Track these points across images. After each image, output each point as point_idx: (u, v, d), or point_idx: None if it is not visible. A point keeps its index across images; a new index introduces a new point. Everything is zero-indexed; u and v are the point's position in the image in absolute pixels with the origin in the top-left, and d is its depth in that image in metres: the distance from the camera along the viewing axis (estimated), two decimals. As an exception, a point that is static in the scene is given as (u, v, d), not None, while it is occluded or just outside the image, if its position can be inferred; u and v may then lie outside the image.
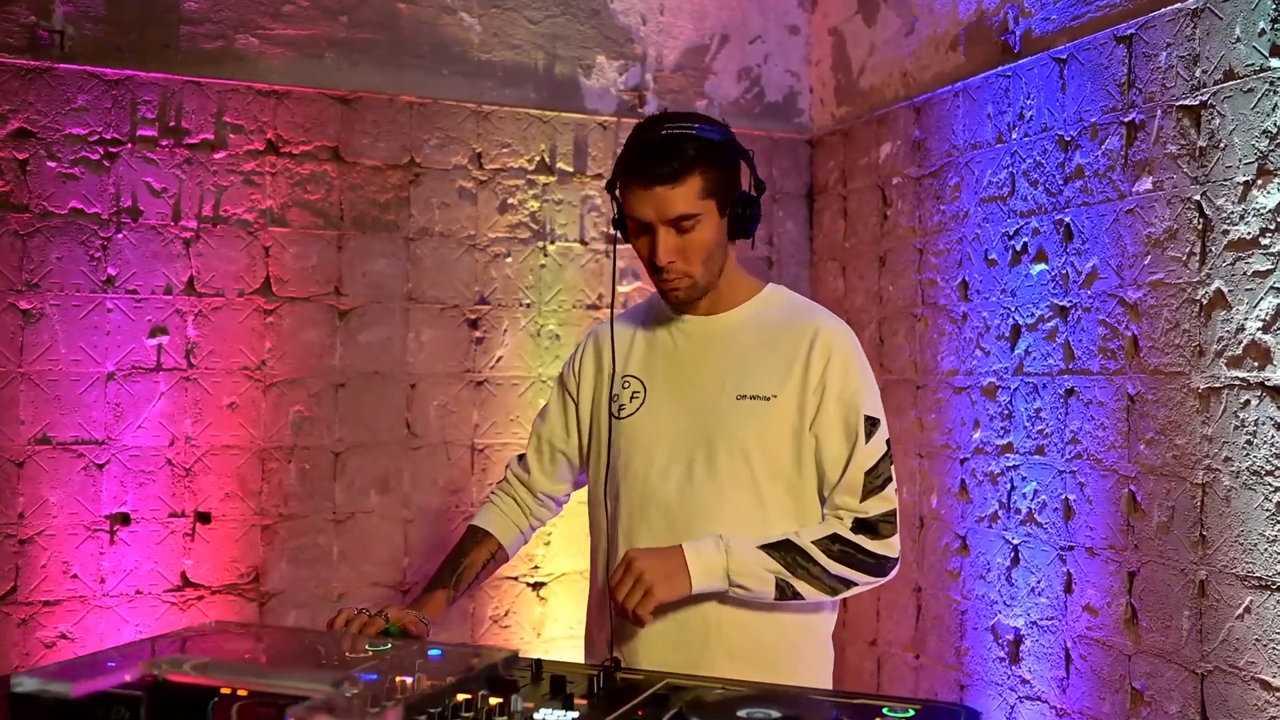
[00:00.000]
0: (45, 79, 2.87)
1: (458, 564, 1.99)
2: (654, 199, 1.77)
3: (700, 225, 1.78)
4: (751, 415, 1.83)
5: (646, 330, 1.98)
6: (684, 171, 1.75)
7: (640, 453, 1.89)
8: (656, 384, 1.93)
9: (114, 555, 2.90)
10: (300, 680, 1.21)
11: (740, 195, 1.84)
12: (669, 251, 1.78)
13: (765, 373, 1.85)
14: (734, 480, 1.83)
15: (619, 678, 1.60)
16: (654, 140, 1.78)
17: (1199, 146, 2.22)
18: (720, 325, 1.92)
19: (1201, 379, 2.21)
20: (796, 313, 1.91)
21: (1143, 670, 2.35)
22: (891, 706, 1.48)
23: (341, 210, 3.16)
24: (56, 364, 2.86)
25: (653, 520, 1.86)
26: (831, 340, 1.85)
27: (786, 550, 1.79)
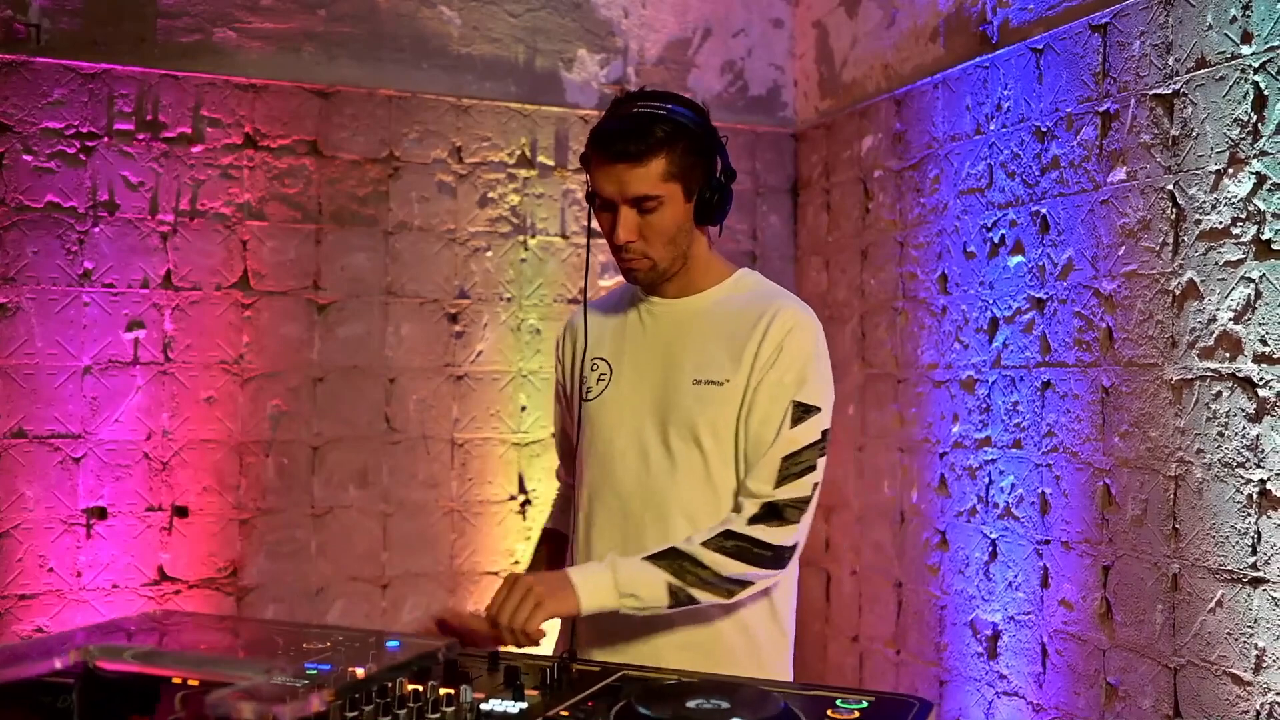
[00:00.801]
0: (21, 73, 2.86)
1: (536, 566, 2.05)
2: (616, 177, 1.74)
3: (662, 208, 1.75)
4: (705, 400, 1.80)
5: (619, 313, 1.96)
6: (649, 152, 1.72)
7: (602, 436, 1.88)
8: (622, 367, 1.90)
9: (91, 549, 2.89)
10: (232, 668, 1.20)
11: (711, 181, 1.80)
12: (628, 230, 1.76)
13: (720, 358, 1.81)
14: (687, 466, 1.80)
15: (574, 670, 1.59)
16: (624, 117, 1.75)
17: (1172, 135, 2.20)
18: (687, 309, 1.88)
19: (1174, 370, 2.19)
20: (759, 298, 1.86)
21: (1117, 665, 2.33)
22: (845, 698, 1.47)
23: (320, 204, 3.15)
24: (33, 357, 2.85)
25: (609, 505, 1.85)
26: (782, 324, 1.79)
27: (673, 558, 1.74)
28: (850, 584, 3.37)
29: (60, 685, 1.21)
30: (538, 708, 1.41)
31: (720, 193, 1.81)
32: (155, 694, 1.28)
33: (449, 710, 1.35)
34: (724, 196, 1.82)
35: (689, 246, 1.84)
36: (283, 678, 1.13)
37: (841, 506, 3.41)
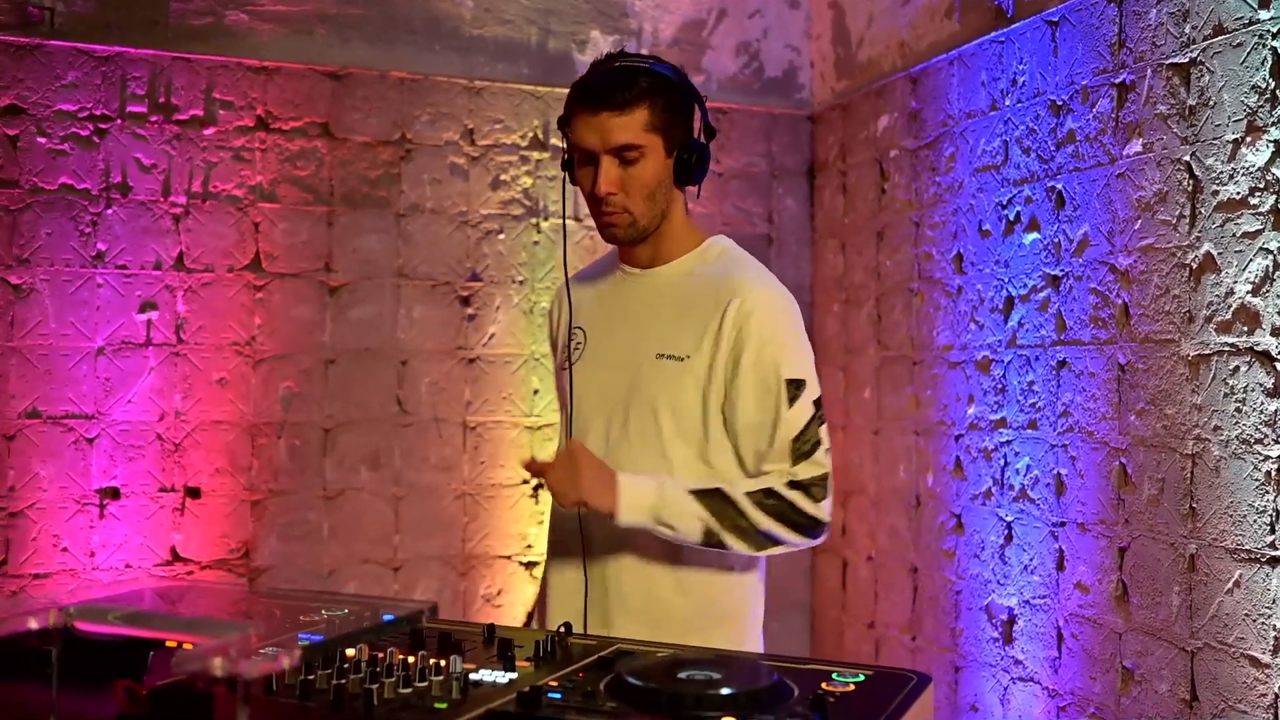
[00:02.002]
0: (36, 56, 2.88)
1: None
2: (599, 125, 1.75)
3: (644, 159, 1.76)
4: (665, 375, 1.81)
5: (599, 282, 1.98)
6: (633, 101, 1.74)
7: (581, 406, 1.89)
8: (595, 336, 1.92)
9: (104, 529, 2.90)
10: (215, 630, 1.18)
11: (689, 140, 1.81)
12: (610, 182, 1.76)
13: (683, 332, 1.82)
14: (643, 440, 1.82)
15: (570, 643, 1.57)
16: (608, 70, 1.77)
17: (1188, 105, 2.15)
18: (657, 279, 1.89)
19: (1191, 346, 2.14)
20: (725, 270, 1.86)
21: (1133, 649, 2.28)
22: (841, 672, 1.44)
23: (332, 186, 3.15)
24: (46, 338, 2.86)
25: None
26: (749, 302, 1.79)
27: (718, 500, 1.75)
28: (866, 570, 3.33)
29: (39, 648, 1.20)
30: (528, 678, 1.39)
31: (699, 152, 1.81)
32: (144, 659, 1.27)
33: (437, 679, 1.34)
34: (703, 156, 1.82)
35: (668, 206, 1.83)
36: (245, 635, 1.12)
37: (858, 491, 3.37)
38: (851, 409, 3.41)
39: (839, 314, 3.50)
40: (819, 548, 3.60)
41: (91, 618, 1.20)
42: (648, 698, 1.27)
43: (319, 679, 1.32)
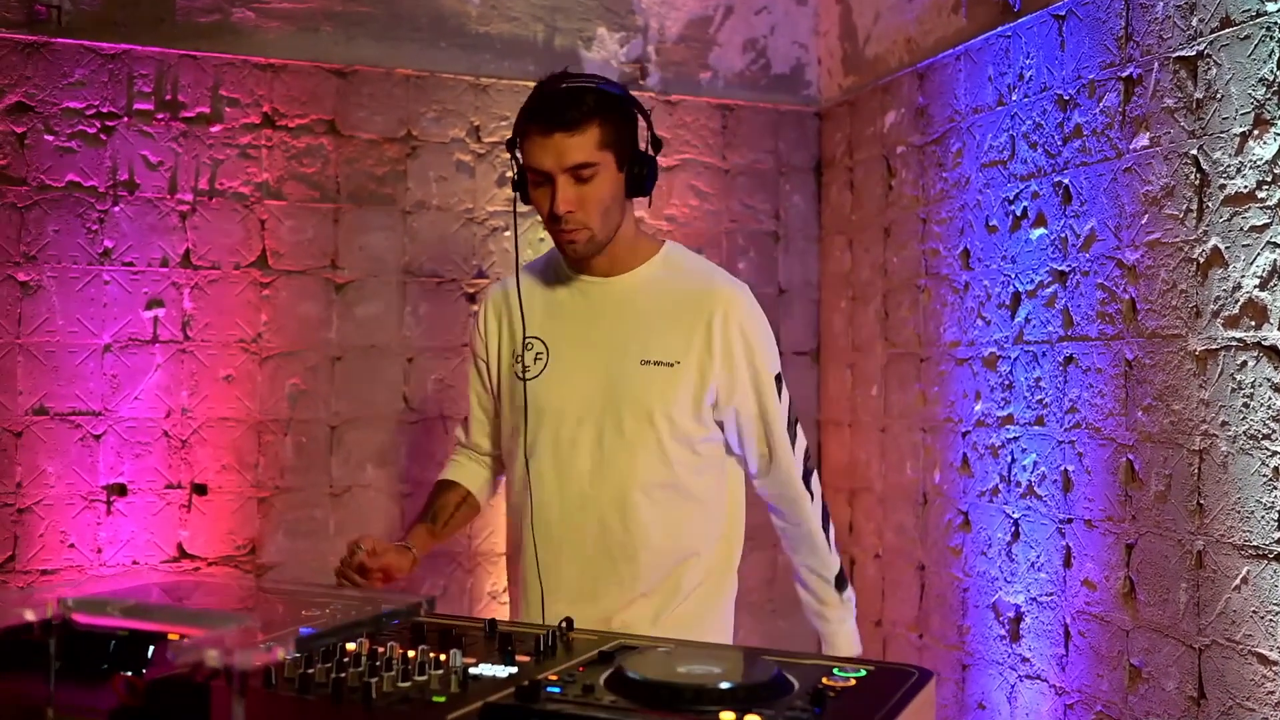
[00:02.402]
0: (43, 53, 2.88)
1: (431, 506, 2.08)
2: (554, 147, 1.80)
3: (598, 176, 1.82)
4: (656, 381, 1.91)
5: (546, 290, 2.02)
6: (583, 120, 1.79)
7: (549, 417, 1.94)
8: (559, 346, 1.97)
9: (111, 526, 2.91)
10: (213, 623, 1.18)
11: (638, 153, 1.89)
12: (568, 201, 1.81)
13: (668, 339, 1.92)
14: (642, 442, 1.91)
15: (571, 638, 1.57)
16: (555, 92, 1.83)
17: (1195, 98, 2.13)
18: (621, 287, 1.96)
19: (1198, 341, 2.13)
20: (696, 278, 1.98)
21: (1140, 646, 2.27)
22: (841, 667, 1.44)
23: (338, 183, 3.15)
24: (54, 335, 2.87)
25: (566, 485, 1.94)
26: (732, 313, 1.94)
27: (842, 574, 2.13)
28: (874, 567, 3.32)
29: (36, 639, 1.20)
30: (528, 672, 1.38)
31: (648, 165, 1.89)
32: (143, 652, 1.27)
33: (436, 673, 1.34)
34: (652, 168, 1.90)
35: (621, 219, 1.91)
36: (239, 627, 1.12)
37: (865, 489, 3.36)
38: (859, 406, 3.40)
39: (846, 311, 3.49)
40: (826, 545, 3.59)
41: (90, 610, 1.20)
42: (647, 691, 1.27)
43: (318, 672, 1.32)
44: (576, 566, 1.94)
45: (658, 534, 1.93)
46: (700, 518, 1.99)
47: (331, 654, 1.37)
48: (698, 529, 1.99)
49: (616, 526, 1.92)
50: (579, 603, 1.90)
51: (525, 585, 2.00)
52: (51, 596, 1.17)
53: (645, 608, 1.94)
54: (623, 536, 1.92)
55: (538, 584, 1.96)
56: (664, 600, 1.95)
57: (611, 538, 1.93)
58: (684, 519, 1.97)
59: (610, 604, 1.93)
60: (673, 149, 3.48)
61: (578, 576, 1.94)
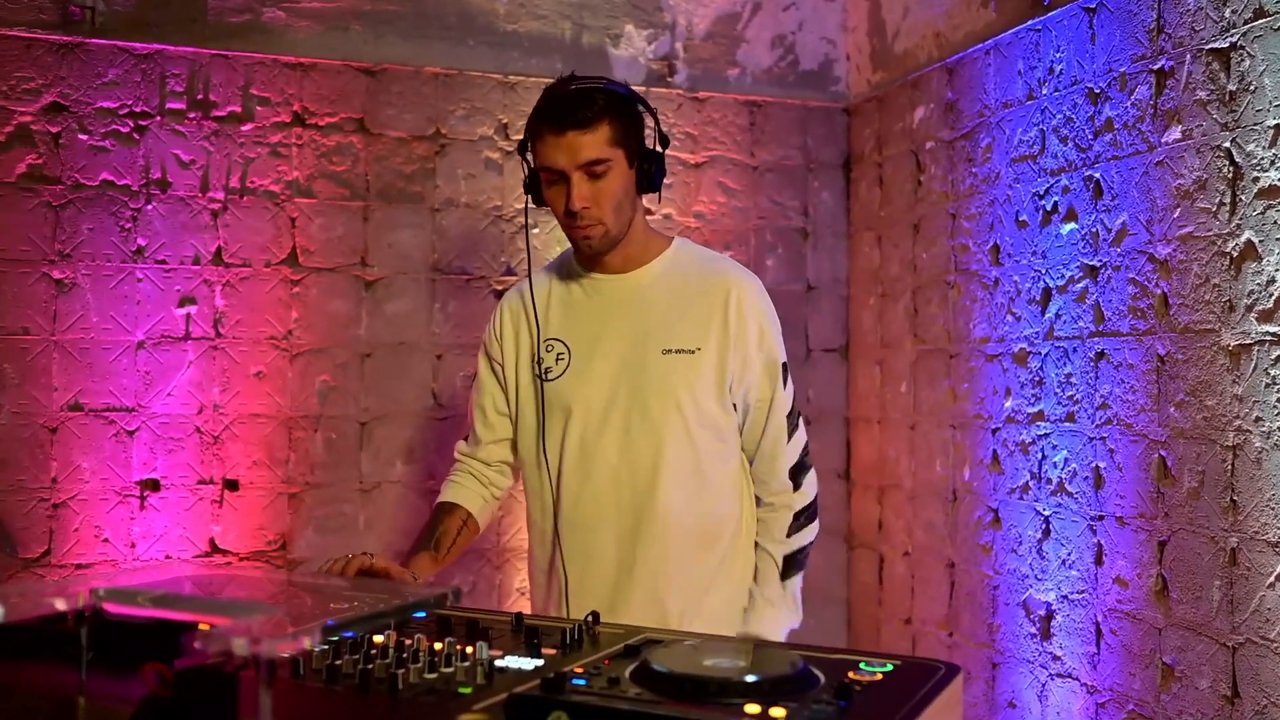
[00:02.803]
0: (77, 54, 2.92)
1: (433, 533, 2.07)
2: (567, 145, 1.85)
3: (611, 172, 1.87)
4: (679, 368, 1.95)
5: (562, 292, 2.06)
6: (595, 118, 1.85)
7: (576, 413, 1.98)
8: (580, 345, 2.00)
9: (144, 520, 2.94)
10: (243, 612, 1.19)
11: (647, 150, 1.94)
12: (582, 197, 1.86)
13: (687, 328, 1.96)
14: (669, 430, 1.95)
15: (598, 631, 1.57)
16: (565, 93, 1.88)
17: (1229, 91, 2.11)
18: (634, 282, 2.00)
19: (1231, 336, 2.10)
20: (708, 267, 2.03)
21: (1173, 644, 2.25)
22: (868, 661, 1.43)
23: (367, 181, 3.17)
24: (88, 332, 2.91)
25: (599, 477, 1.97)
26: (745, 298, 1.97)
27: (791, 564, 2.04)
28: (903, 565, 3.30)
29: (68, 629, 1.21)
30: (554, 665, 1.39)
31: (657, 161, 1.95)
32: (173, 641, 1.28)
33: (462, 665, 1.34)
34: (660, 164, 1.96)
35: (634, 215, 1.96)
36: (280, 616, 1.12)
37: (894, 486, 3.35)
38: (888, 403, 3.39)
39: (875, 308, 3.47)
40: (855, 543, 3.58)
41: (121, 599, 1.21)
42: (672, 684, 1.27)
43: (346, 664, 1.32)
44: (607, 555, 1.97)
45: (687, 518, 1.97)
46: (726, 507, 2.03)
47: (359, 646, 1.38)
48: (725, 521, 2.03)
49: (647, 511, 1.95)
50: (609, 592, 1.94)
51: (554, 577, 2.02)
52: (83, 587, 1.18)
53: (673, 594, 1.97)
54: (652, 521, 1.95)
55: (562, 575, 1.99)
56: (691, 586, 1.98)
57: (642, 523, 1.96)
58: (711, 508, 2.00)
59: (641, 590, 1.95)
60: (701, 146, 3.48)
61: (609, 564, 1.97)
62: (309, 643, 1.02)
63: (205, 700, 1.14)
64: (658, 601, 1.94)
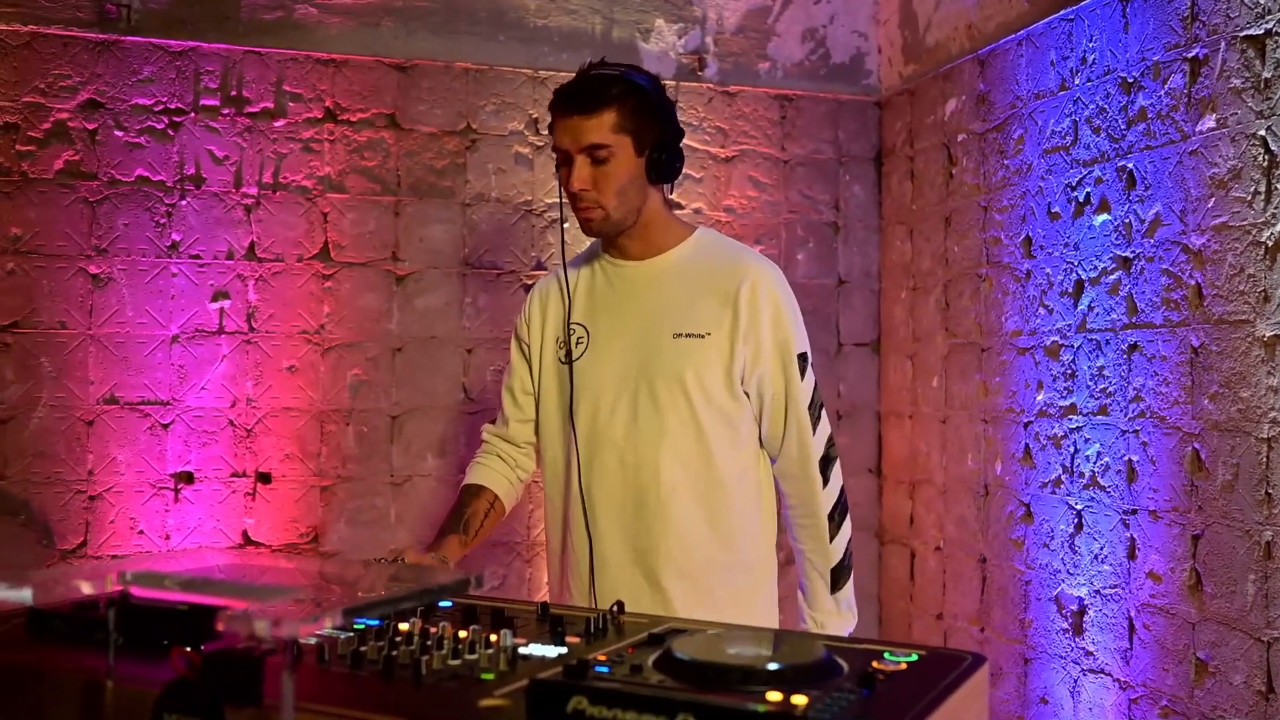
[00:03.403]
0: (113, 51, 2.96)
1: (461, 515, 2.12)
2: (571, 128, 1.91)
3: (614, 159, 1.91)
4: (688, 352, 1.96)
5: (588, 279, 2.10)
6: (600, 105, 1.90)
7: (589, 395, 2.01)
8: (599, 328, 2.04)
9: (178, 512, 2.97)
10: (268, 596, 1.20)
11: (663, 140, 1.96)
12: (582, 179, 1.91)
13: (699, 313, 1.98)
14: (675, 413, 1.96)
15: (623, 621, 1.58)
16: (581, 78, 1.95)
17: (1264, 78, 2.08)
18: (654, 268, 2.03)
19: (1267, 326, 2.07)
20: (727, 255, 2.04)
21: (1207, 639, 2.22)
22: (893, 651, 1.42)
23: (399, 177, 3.19)
24: (124, 326, 2.94)
25: (605, 458, 2.00)
26: (761, 284, 1.97)
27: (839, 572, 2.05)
28: (934, 560, 3.28)
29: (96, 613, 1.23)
30: (577, 652, 1.39)
31: (668, 151, 1.97)
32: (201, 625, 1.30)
33: (486, 652, 1.35)
34: (673, 155, 1.98)
35: (642, 203, 1.99)
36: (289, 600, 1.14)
37: (925, 481, 3.33)
38: (919, 397, 3.36)
39: (906, 301, 3.45)
40: (886, 539, 3.56)
41: (148, 583, 1.22)
42: (695, 672, 1.27)
43: (370, 650, 1.34)
44: (612, 536, 1.99)
45: (692, 503, 1.98)
46: (737, 497, 2.02)
47: (384, 634, 1.39)
48: (736, 511, 2.02)
49: (649, 494, 1.97)
50: (613, 574, 1.97)
51: (565, 559, 2.06)
52: (112, 571, 1.20)
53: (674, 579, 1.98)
54: (654, 504, 1.97)
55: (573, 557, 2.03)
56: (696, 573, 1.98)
57: (645, 506, 1.97)
58: (719, 496, 2.00)
59: (643, 573, 1.97)
60: (731, 140, 3.47)
61: (613, 545, 1.99)
62: (330, 625, 1.02)
63: (231, 684, 1.15)
64: (659, 586, 1.96)
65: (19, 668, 1.26)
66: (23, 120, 2.88)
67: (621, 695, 1.10)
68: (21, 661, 1.28)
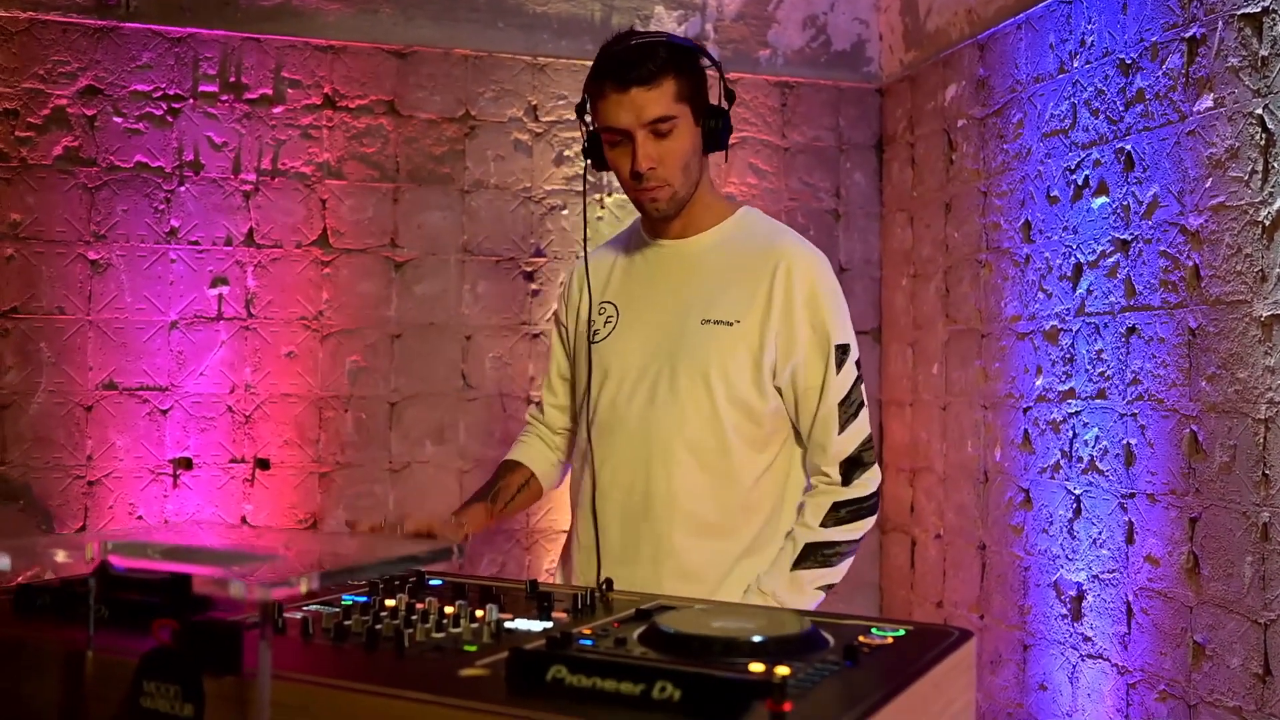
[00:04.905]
0: (112, 38, 2.96)
1: (492, 486, 2.04)
2: (631, 102, 1.75)
3: (677, 130, 1.77)
4: (713, 340, 1.83)
5: (625, 257, 2.00)
6: (660, 73, 1.75)
7: (611, 376, 1.90)
8: (629, 308, 1.93)
9: (177, 498, 2.98)
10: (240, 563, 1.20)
11: (714, 106, 1.84)
12: (649, 157, 1.76)
13: (730, 298, 1.84)
14: (694, 404, 1.83)
15: (611, 598, 1.57)
16: (627, 49, 1.79)
17: (1261, 56, 2.06)
18: (692, 249, 1.91)
19: (1264, 306, 2.06)
20: (765, 237, 1.90)
21: (1204, 622, 2.20)
22: (880, 626, 1.42)
23: (397, 163, 3.19)
24: (122, 312, 2.95)
25: (616, 443, 1.88)
26: (797, 269, 1.84)
27: (813, 554, 1.84)
28: (935, 548, 3.27)
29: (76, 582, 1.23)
30: (564, 627, 1.39)
31: (723, 117, 1.84)
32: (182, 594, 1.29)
33: (471, 625, 1.35)
34: (726, 121, 1.85)
35: (700, 175, 1.86)
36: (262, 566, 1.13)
37: (926, 469, 3.32)
38: (920, 385, 3.35)
39: (907, 289, 3.44)
40: (888, 527, 3.55)
41: (129, 553, 1.22)
42: (679, 644, 1.26)
43: (355, 624, 1.33)
44: (615, 525, 1.88)
45: (702, 500, 1.85)
46: (755, 498, 1.88)
47: (370, 609, 1.39)
48: (754, 513, 1.88)
49: (657, 485, 1.84)
50: (613, 567, 1.86)
51: (570, 542, 1.99)
52: (93, 540, 1.20)
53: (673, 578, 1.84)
54: (660, 497, 1.84)
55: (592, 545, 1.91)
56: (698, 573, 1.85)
57: (651, 497, 1.85)
58: (734, 496, 1.86)
59: (642, 567, 1.85)
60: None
61: (616, 535, 1.88)
62: (305, 586, 1.02)
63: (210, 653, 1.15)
64: (657, 582, 1.82)
65: (2, 642, 1.26)
66: (22, 106, 2.89)
67: (601, 664, 1.09)
68: (4, 636, 1.28)
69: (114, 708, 1.16)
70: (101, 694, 1.18)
